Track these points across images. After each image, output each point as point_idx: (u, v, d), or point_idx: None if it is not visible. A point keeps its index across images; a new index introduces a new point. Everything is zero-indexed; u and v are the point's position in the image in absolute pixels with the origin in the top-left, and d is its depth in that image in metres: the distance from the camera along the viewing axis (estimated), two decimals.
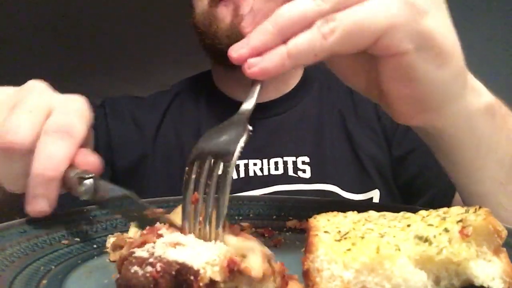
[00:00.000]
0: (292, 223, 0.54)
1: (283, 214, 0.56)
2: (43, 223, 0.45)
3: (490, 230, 0.31)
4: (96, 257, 0.43)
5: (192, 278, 0.29)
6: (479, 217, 0.32)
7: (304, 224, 0.46)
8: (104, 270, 0.40)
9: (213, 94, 0.99)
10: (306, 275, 0.32)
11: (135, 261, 0.30)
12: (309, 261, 0.32)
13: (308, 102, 0.97)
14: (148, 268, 0.29)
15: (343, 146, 0.91)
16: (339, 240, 0.34)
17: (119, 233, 0.47)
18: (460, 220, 0.33)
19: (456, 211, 0.36)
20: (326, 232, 0.36)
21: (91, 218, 0.49)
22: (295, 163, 0.88)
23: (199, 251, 0.31)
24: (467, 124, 0.49)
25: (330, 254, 0.32)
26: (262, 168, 0.87)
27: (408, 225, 0.36)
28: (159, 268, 0.29)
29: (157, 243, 0.32)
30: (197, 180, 0.38)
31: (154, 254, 0.30)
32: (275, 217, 0.56)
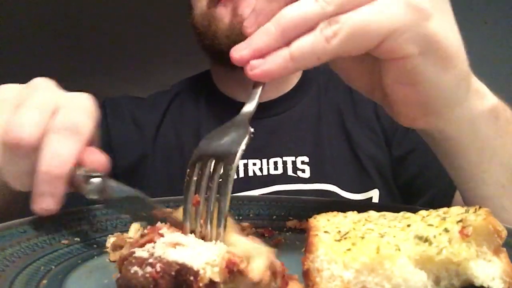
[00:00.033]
0: (292, 223, 0.54)
1: (283, 214, 0.56)
2: (43, 223, 0.45)
3: (490, 230, 0.31)
4: (96, 257, 0.43)
5: (192, 278, 0.29)
6: (479, 217, 0.32)
7: (304, 224, 0.46)
8: (104, 270, 0.40)
9: (212, 94, 0.99)
10: (306, 275, 0.32)
11: (135, 261, 0.30)
12: (309, 261, 0.32)
13: (307, 102, 0.97)
14: (148, 269, 0.29)
15: (342, 146, 0.91)
16: (339, 240, 0.34)
17: (119, 233, 0.47)
18: (460, 220, 0.33)
19: (456, 211, 0.36)
20: (326, 232, 0.36)
21: (91, 218, 0.49)
22: (294, 163, 0.88)
23: (199, 251, 0.31)
24: (471, 127, 0.48)
25: (330, 254, 0.32)
26: (261, 168, 0.87)
27: (408, 225, 0.36)
28: (158, 269, 0.29)
29: (157, 243, 0.33)
30: (198, 182, 0.38)
31: (154, 255, 0.30)
32: (275, 217, 0.56)
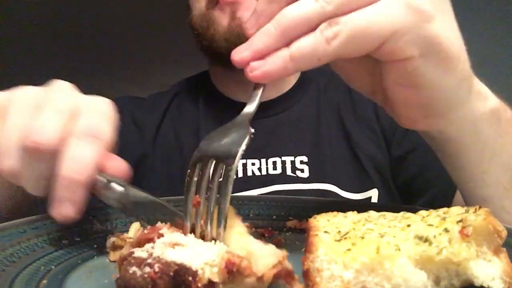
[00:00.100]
0: (292, 223, 0.54)
1: (283, 214, 0.56)
2: (43, 223, 0.45)
3: (490, 230, 0.31)
4: (96, 257, 0.43)
5: (191, 279, 0.29)
6: (479, 217, 0.32)
7: (304, 224, 0.46)
8: (104, 270, 0.40)
9: (211, 94, 0.99)
10: (306, 275, 0.32)
11: (134, 261, 0.30)
12: (309, 261, 0.32)
13: (306, 101, 0.97)
14: (146, 269, 0.29)
15: (341, 146, 0.91)
16: (339, 240, 0.34)
17: (119, 233, 0.47)
18: (460, 220, 0.33)
19: (456, 211, 0.36)
20: (326, 232, 0.36)
21: (91, 218, 0.49)
22: (293, 162, 0.88)
23: (198, 251, 0.31)
24: (472, 128, 0.48)
25: (330, 254, 0.32)
26: (260, 167, 0.87)
27: (408, 225, 0.36)
28: (157, 269, 0.29)
29: (156, 243, 0.33)
30: (198, 182, 0.38)
31: (152, 255, 0.30)
32: (275, 217, 0.56)
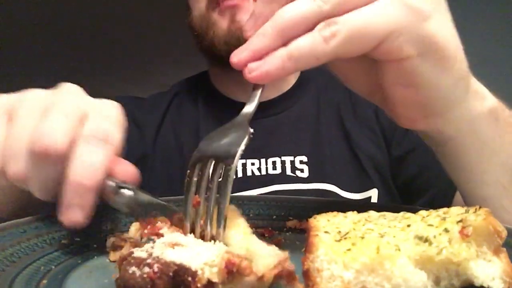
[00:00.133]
0: (292, 223, 0.54)
1: (283, 214, 0.56)
2: (44, 223, 0.45)
3: (490, 230, 0.31)
4: (96, 257, 0.43)
5: (190, 279, 0.28)
6: (479, 217, 0.32)
7: (304, 224, 0.46)
8: (104, 270, 0.40)
9: (211, 94, 0.99)
10: (306, 275, 0.32)
11: (134, 261, 0.30)
12: (309, 261, 0.32)
13: (305, 101, 0.97)
14: (146, 269, 0.29)
15: (341, 145, 0.91)
16: (339, 240, 0.34)
17: (119, 233, 0.47)
18: (460, 220, 0.33)
19: (456, 211, 0.36)
20: (326, 232, 0.36)
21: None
22: (293, 162, 0.88)
23: (198, 251, 0.31)
24: (471, 128, 0.49)
25: (330, 254, 0.32)
26: (260, 167, 0.87)
27: (408, 225, 0.36)
28: (156, 269, 0.29)
29: (156, 243, 0.32)
30: (198, 182, 0.38)
31: (152, 255, 0.30)
32: (275, 217, 0.56)
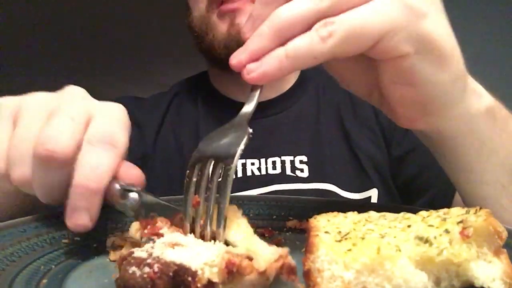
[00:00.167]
0: (292, 223, 0.54)
1: (283, 214, 0.56)
2: (43, 223, 0.45)
3: (490, 231, 0.31)
4: (96, 256, 0.43)
5: (190, 279, 0.28)
6: (480, 218, 0.32)
7: (304, 224, 0.46)
8: (104, 269, 0.40)
9: (210, 94, 0.99)
10: (306, 276, 0.32)
11: (134, 261, 0.30)
12: (309, 261, 0.32)
13: (305, 101, 0.97)
14: (146, 269, 0.29)
15: (341, 145, 0.91)
16: (339, 241, 0.34)
17: (119, 232, 0.47)
18: (461, 221, 0.33)
19: (456, 212, 0.36)
20: (326, 232, 0.36)
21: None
22: (293, 162, 0.88)
23: (198, 251, 0.31)
24: (469, 127, 0.49)
25: (331, 255, 0.32)
26: (260, 167, 0.87)
27: (409, 225, 0.36)
28: (156, 269, 0.29)
29: (156, 243, 0.32)
30: (198, 183, 0.38)
31: (152, 255, 0.30)
32: (275, 217, 0.56)
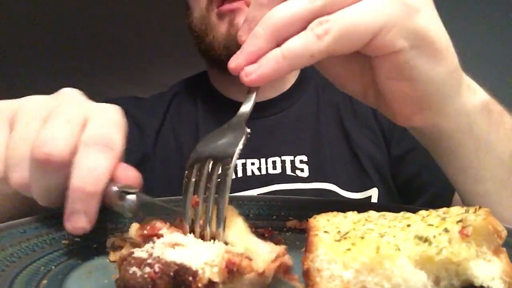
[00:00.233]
0: (292, 223, 0.54)
1: (283, 214, 0.56)
2: (43, 224, 0.45)
3: (490, 230, 0.31)
4: (96, 257, 0.43)
5: (191, 279, 0.29)
6: (479, 217, 0.32)
7: (304, 224, 0.46)
8: (104, 270, 0.40)
9: (210, 93, 0.99)
10: (306, 275, 0.32)
11: (134, 261, 0.30)
12: (309, 261, 0.32)
13: (305, 101, 0.97)
14: (147, 269, 0.29)
15: (341, 145, 0.91)
16: (339, 240, 0.34)
17: (119, 233, 0.47)
18: (460, 220, 0.33)
19: (456, 211, 0.36)
20: (326, 232, 0.36)
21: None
22: (293, 162, 0.88)
23: (198, 251, 0.31)
24: (466, 122, 0.49)
25: (330, 254, 0.32)
26: (260, 167, 0.87)
27: (408, 225, 0.36)
28: (157, 269, 0.29)
29: (156, 243, 0.33)
30: (197, 183, 0.38)
31: (152, 255, 0.30)
32: (275, 217, 0.56)
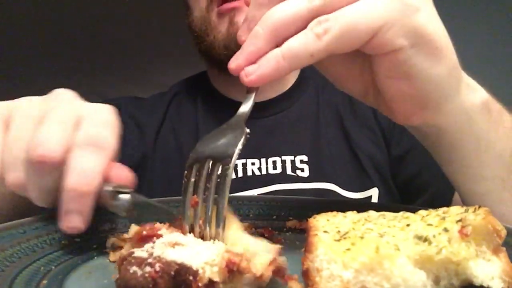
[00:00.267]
0: (292, 223, 0.54)
1: (283, 214, 0.56)
2: (43, 224, 0.45)
3: (489, 230, 0.31)
4: (96, 257, 0.43)
5: (191, 278, 0.29)
6: (479, 216, 0.32)
7: (304, 224, 0.46)
8: (104, 270, 0.40)
9: (210, 93, 0.99)
10: (305, 275, 0.32)
11: (134, 261, 0.30)
12: (308, 260, 0.32)
13: (305, 101, 0.97)
14: (147, 268, 0.29)
15: (341, 145, 0.91)
16: (338, 240, 0.34)
17: (119, 233, 0.47)
18: (460, 220, 0.33)
19: (455, 211, 0.36)
20: (325, 232, 0.36)
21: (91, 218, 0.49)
22: (293, 162, 0.88)
23: (198, 251, 0.31)
24: (465, 120, 0.49)
25: (330, 254, 0.32)
26: (260, 167, 0.87)
27: (408, 224, 0.36)
28: (158, 268, 0.29)
29: (156, 243, 0.33)
30: (196, 183, 0.38)
31: (153, 254, 0.30)
32: (275, 217, 0.56)
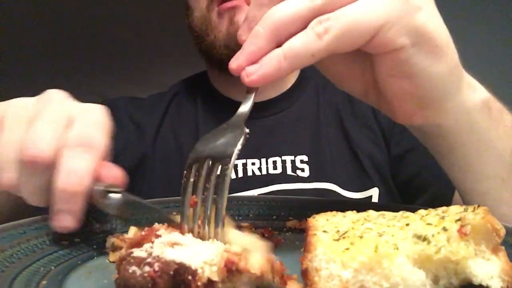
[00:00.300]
0: (292, 223, 0.54)
1: (283, 214, 0.56)
2: (43, 224, 0.45)
3: (488, 229, 0.31)
4: (95, 257, 0.43)
5: (190, 278, 0.29)
6: (478, 216, 0.32)
7: (304, 224, 0.46)
8: (104, 270, 0.40)
9: (210, 93, 0.99)
10: (304, 275, 0.32)
11: (133, 261, 0.30)
12: (307, 260, 0.32)
13: (305, 101, 0.97)
14: (146, 268, 0.29)
15: (341, 145, 0.91)
16: (337, 240, 0.34)
17: (119, 233, 0.47)
18: (459, 219, 0.33)
19: (455, 210, 0.36)
20: (324, 231, 0.36)
21: (90, 219, 0.49)
22: (293, 162, 0.88)
23: (197, 250, 0.31)
24: (466, 119, 0.49)
25: (329, 254, 0.32)
26: (260, 167, 0.87)
27: (407, 224, 0.36)
28: (157, 268, 0.29)
29: (155, 243, 0.33)
30: (195, 183, 0.38)
31: (152, 254, 0.30)
32: (275, 217, 0.56)
